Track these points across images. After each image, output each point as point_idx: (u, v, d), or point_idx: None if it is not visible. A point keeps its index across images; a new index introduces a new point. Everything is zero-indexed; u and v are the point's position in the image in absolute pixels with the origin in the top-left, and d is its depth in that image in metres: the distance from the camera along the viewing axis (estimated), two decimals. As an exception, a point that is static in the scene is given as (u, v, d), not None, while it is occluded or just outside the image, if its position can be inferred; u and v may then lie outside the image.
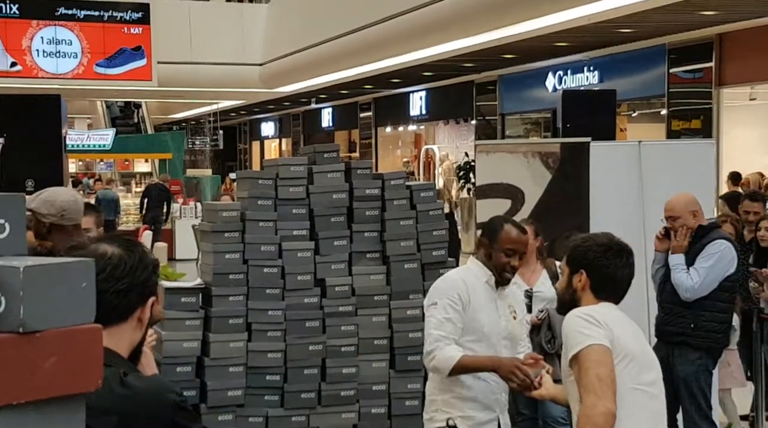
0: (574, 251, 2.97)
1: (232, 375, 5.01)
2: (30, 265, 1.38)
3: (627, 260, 2.93)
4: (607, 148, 6.17)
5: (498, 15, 11.37)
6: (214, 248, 5.04)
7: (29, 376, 1.37)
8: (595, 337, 2.72)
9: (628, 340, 2.81)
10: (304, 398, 5.11)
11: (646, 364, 2.84)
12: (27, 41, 17.07)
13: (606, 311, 2.85)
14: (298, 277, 5.11)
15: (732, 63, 12.86)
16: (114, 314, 1.83)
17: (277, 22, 18.55)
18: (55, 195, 3.75)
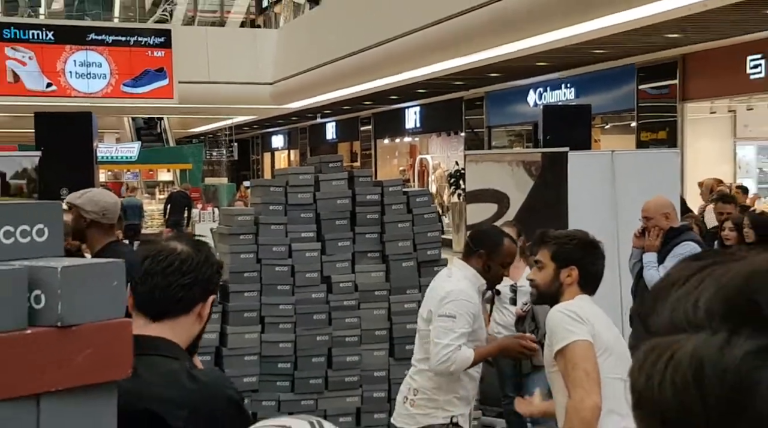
0: (562, 248, 2.88)
1: (248, 363, 5.00)
2: (67, 266, 1.37)
3: (603, 256, 2.93)
4: (583, 157, 6.17)
5: (484, 38, 11.37)
6: (231, 249, 5.04)
7: (66, 366, 1.36)
8: (579, 333, 2.67)
9: (606, 333, 2.76)
10: (313, 383, 5.11)
11: (622, 354, 2.75)
12: (61, 64, 17.05)
13: (586, 305, 2.81)
14: (306, 275, 5.11)
15: (694, 80, 12.86)
16: (177, 307, 1.77)
17: (286, 46, 18.54)
18: (99, 196, 3.79)
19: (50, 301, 1.36)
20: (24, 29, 16.89)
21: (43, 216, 1.48)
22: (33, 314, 1.36)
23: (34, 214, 1.47)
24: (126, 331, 1.47)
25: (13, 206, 1.47)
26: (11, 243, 1.43)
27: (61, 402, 1.37)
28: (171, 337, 1.73)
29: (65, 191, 5.58)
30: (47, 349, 1.35)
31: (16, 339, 1.32)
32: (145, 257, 1.79)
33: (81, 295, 1.39)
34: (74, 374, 1.38)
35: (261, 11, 22.55)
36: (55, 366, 1.36)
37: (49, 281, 1.36)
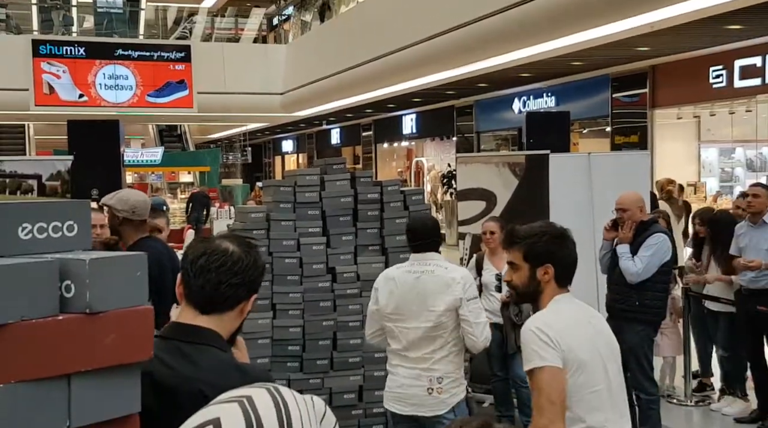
0: (533, 248, 2.50)
1: (261, 346, 4.99)
2: (94, 258, 1.37)
3: (573, 246, 2.56)
4: (562, 158, 6.15)
5: (473, 52, 11.35)
6: (245, 243, 5.03)
7: (94, 349, 1.36)
8: (547, 358, 2.32)
9: (580, 345, 2.39)
10: (320, 364, 5.10)
11: (596, 362, 2.41)
12: (92, 77, 17.02)
13: (562, 312, 2.46)
14: (313, 266, 5.10)
15: (663, 89, 12.85)
16: (225, 303, 1.75)
17: (295, 60, 18.51)
18: (128, 195, 3.81)
19: (79, 290, 1.36)
20: (58, 46, 16.86)
21: (72, 213, 1.48)
22: (64, 302, 1.36)
23: (65, 211, 1.47)
24: (147, 317, 1.46)
25: (45, 205, 1.46)
26: (44, 238, 1.43)
27: (90, 381, 1.37)
28: (217, 329, 1.72)
29: (95, 191, 5.57)
30: (77, 334, 1.35)
31: (50, 325, 1.32)
32: (202, 254, 1.74)
33: (107, 284, 1.39)
34: (101, 356, 1.38)
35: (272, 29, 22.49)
36: (84, 348, 1.36)
37: (79, 272, 1.36)
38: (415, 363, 3.56)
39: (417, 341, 3.55)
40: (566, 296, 2.51)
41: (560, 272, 2.50)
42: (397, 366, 3.63)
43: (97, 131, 5.83)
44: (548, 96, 15.30)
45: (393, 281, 3.61)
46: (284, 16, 22.98)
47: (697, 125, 13.70)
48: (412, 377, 3.57)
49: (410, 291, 3.56)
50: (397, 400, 3.65)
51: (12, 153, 18.77)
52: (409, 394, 3.58)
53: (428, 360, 3.55)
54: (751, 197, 5.64)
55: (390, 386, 3.70)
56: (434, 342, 3.56)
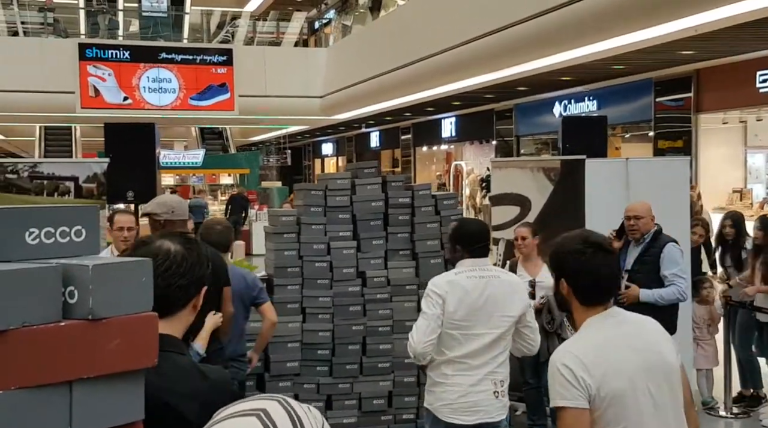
0: (552, 258, 2.34)
1: (290, 349, 5.00)
2: (98, 264, 1.36)
3: (605, 259, 2.23)
4: (599, 164, 6.02)
5: (514, 55, 11.26)
6: (276, 247, 5.04)
7: (97, 355, 1.35)
8: (569, 398, 2.12)
9: (611, 375, 2.14)
10: (349, 369, 5.08)
11: (632, 393, 2.16)
12: (136, 80, 17.30)
13: (589, 346, 2.19)
14: (343, 270, 5.09)
15: (707, 93, 12.58)
16: (176, 305, 1.77)
17: (334, 63, 18.58)
18: (164, 198, 3.88)
19: (83, 296, 1.35)
20: (104, 49, 17.17)
21: (80, 218, 1.47)
22: (67, 308, 1.35)
23: (73, 216, 1.46)
24: (152, 324, 1.45)
25: (52, 209, 1.46)
26: (52, 243, 1.42)
27: (92, 388, 1.36)
28: (171, 332, 1.72)
29: (131, 193, 5.64)
30: (79, 340, 1.34)
31: (52, 331, 1.32)
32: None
33: (111, 290, 1.37)
34: (104, 363, 1.36)
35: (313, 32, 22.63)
36: (87, 355, 1.35)
37: (82, 277, 1.35)
38: (478, 369, 3.40)
39: (484, 348, 3.39)
40: (597, 318, 2.22)
41: (576, 288, 2.23)
42: (454, 375, 3.39)
43: (133, 134, 5.90)
44: (590, 100, 15.10)
45: (460, 286, 3.39)
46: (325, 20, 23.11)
47: (744, 130, 13.39)
48: (476, 383, 3.40)
49: (480, 297, 3.39)
50: (463, 411, 3.39)
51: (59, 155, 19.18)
52: (476, 401, 3.39)
53: (491, 363, 3.41)
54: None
55: (450, 398, 3.40)
56: (499, 346, 3.43)
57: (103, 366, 1.37)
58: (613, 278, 2.30)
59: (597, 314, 2.23)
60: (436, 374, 3.45)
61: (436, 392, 3.44)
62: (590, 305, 2.23)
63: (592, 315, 2.23)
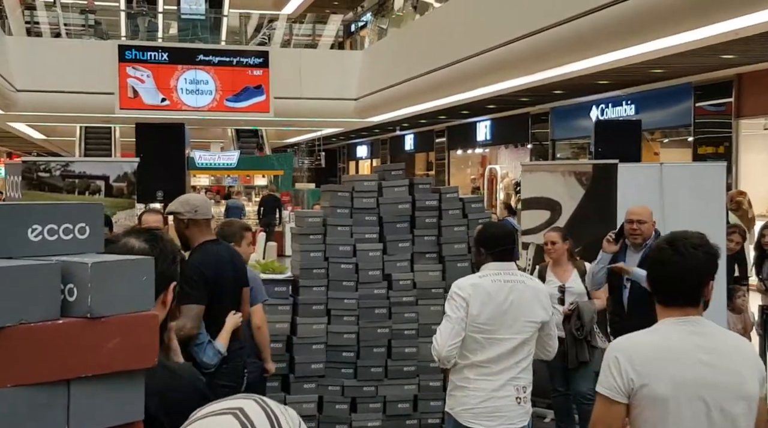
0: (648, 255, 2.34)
1: (315, 351, 4.98)
2: (97, 261, 1.35)
3: (670, 258, 2.15)
4: (632, 168, 5.91)
5: (549, 58, 11.15)
6: (302, 248, 5.03)
7: (96, 354, 1.34)
8: (607, 388, 2.14)
9: (663, 379, 2.10)
10: (374, 372, 5.06)
11: (682, 405, 2.10)
12: (174, 81, 17.51)
13: (651, 343, 2.16)
14: (369, 272, 5.06)
15: (748, 98, 12.31)
16: None
17: (369, 66, 18.60)
18: (187, 197, 3.90)
19: (81, 294, 1.33)
20: (143, 51, 17.43)
21: (84, 215, 1.46)
22: (66, 306, 1.34)
23: (76, 213, 1.45)
24: (152, 323, 1.43)
25: (55, 206, 1.45)
26: (54, 240, 1.41)
27: (90, 388, 1.35)
28: None
29: (160, 193, 5.68)
30: (78, 338, 1.32)
31: (49, 329, 1.30)
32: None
33: (110, 288, 1.36)
34: (103, 362, 1.35)
35: (348, 35, 22.69)
36: (85, 354, 1.33)
37: (81, 275, 1.34)
38: (500, 374, 3.36)
39: (507, 352, 3.35)
40: (671, 320, 2.16)
41: (652, 284, 2.23)
42: (476, 380, 3.35)
43: (163, 134, 5.95)
44: (627, 104, 14.88)
45: (484, 289, 3.34)
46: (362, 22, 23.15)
47: (786, 137, 13.09)
48: (498, 388, 3.35)
49: (505, 301, 3.34)
50: (485, 417, 3.34)
51: (99, 154, 19.49)
52: (497, 406, 3.34)
53: (514, 369, 3.37)
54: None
55: (471, 403, 3.35)
56: (522, 352, 3.39)
57: (101, 365, 1.35)
58: (689, 282, 2.16)
59: (674, 316, 2.17)
60: (458, 378, 3.41)
61: (457, 396, 3.40)
62: (665, 305, 2.19)
63: (668, 317, 2.18)
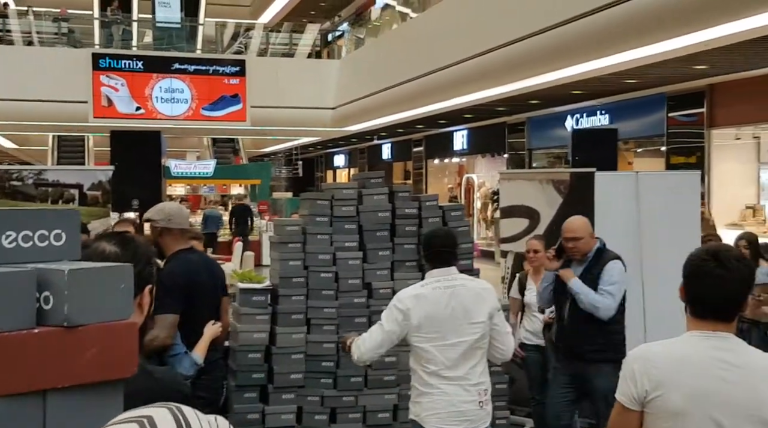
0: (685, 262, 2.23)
1: (294, 361, 4.93)
2: (74, 269, 1.30)
3: (714, 270, 2.11)
4: (609, 177, 5.94)
5: (525, 68, 11.21)
6: (281, 256, 4.98)
7: (72, 364, 1.29)
8: (622, 391, 2.14)
9: (681, 392, 2.08)
10: (354, 381, 5.01)
11: (698, 421, 2.08)
12: (149, 90, 17.39)
13: (672, 353, 2.13)
14: (349, 281, 5.02)
15: (721, 109, 12.48)
16: None
17: (347, 75, 18.60)
18: (163, 205, 3.85)
19: (57, 302, 1.29)
20: (117, 59, 17.29)
21: (60, 222, 1.41)
22: (41, 314, 1.29)
23: (52, 220, 1.41)
24: (132, 332, 1.39)
25: (30, 212, 1.41)
26: (29, 247, 1.37)
27: (67, 399, 1.30)
28: None
29: (136, 201, 5.61)
30: (54, 348, 1.28)
31: (25, 338, 1.26)
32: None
33: (87, 297, 1.31)
34: (80, 372, 1.30)
35: (326, 44, 22.69)
36: (61, 364, 1.29)
37: (57, 283, 1.29)
38: (460, 379, 3.45)
39: (460, 357, 3.44)
40: (698, 333, 2.13)
41: (687, 295, 2.17)
42: (440, 386, 3.44)
43: (139, 142, 5.87)
44: (602, 114, 15.01)
45: (426, 299, 3.46)
46: (339, 32, 23.17)
47: (757, 146, 13.26)
48: (461, 393, 3.45)
49: (446, 307, 3.43)
50: (451, 421, 3.44)
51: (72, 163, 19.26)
52: (462, 411, 3.44)
53: (473, 373, 3.46)
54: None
55: (437, 408, 3.44)
56: (476, 355, 3.48)
57: (79, 376, 1.31)
58: (720, 293, 2.12)
59: (702, 329, 2.13)
60: (421, 384, 3.49)
61: (422, 402, 3.48)
62: (697, 318, 2.15)
63: (696, 329, 2.15)
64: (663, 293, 5.55)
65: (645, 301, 5.55)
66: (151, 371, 1.68)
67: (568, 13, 9.29)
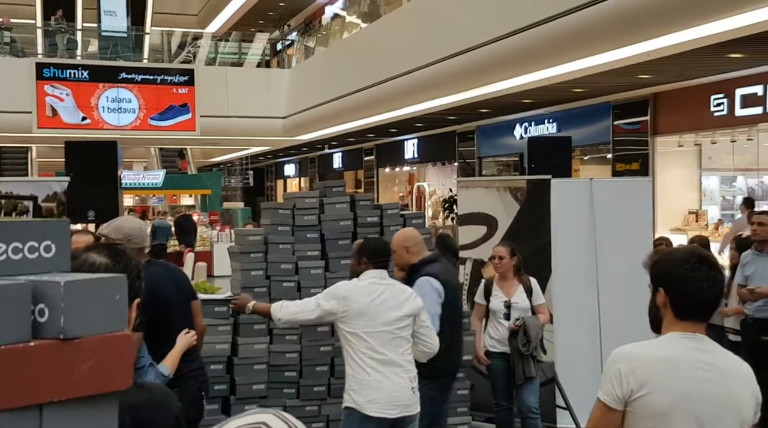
0: (653, 268, 2.24)
1: (257, 371, 4.89)
2: (70, 280, 1.29)
3: (708, 274, 2.15)
4: (564, 184, 6.05)
5: (474, 77, 11.36)
6: (242, 266, 4.94)
7: (69, 377, 1.27)
8: (605, 392, 2.14)
9: (664, 392, 2.10)
10: (317, 391, 4.99)
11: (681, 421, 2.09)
12: (95, 100, 17.07)
13: (656, 353, 2.16)
14: (311, 290, 4.99)
15: (664, 116, 12.83)
16: None
17: (297, 84, 18.56)
18: (123, 223, 3.68)
19: (53, 314, 1.27)
20: (62, 68, 16.92)
21: (50, 233, 1.39)
22: (37, 327, 1.27)
23: (42, 231, 1.38)
24: (127, 343, 1.37)
25: (20, 224, 1.38)
26: (19, 259, 1.34)
27: (63, 412, 1.28)
28: None
29: (92, 213, 5.49)
30: (50, 361, 1.26)
31: (20, 351, 1.23)
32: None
33: (83, 309, 1.30)
34: (76, 385, 1.28)
35: (275, 53, 22.60)
36: (58, 377, 1.26)
37: (53, 295, 1.27)
38: (394, 366, 3.74)
39: (392, 346, 3.75)
40: (678, 335, 2.16)
41: (673, 298, 2.17)
42: (376, 374, 3.72)
43: (94, 153, 5.75)
44: (550, 122, 15.29)
45: (363, 291, 3.81)
46: (288, 41, 23.10)
47: (699, 153, 13.66)
48: (395, 381, 3.73)
49: (377, 300, 3.79)
50: (389, 407, 3.71)
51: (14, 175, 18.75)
52: (396, 397, 3.73)
53: (404, 362, 3.78)
54: (757, 225, 5.54)
55: (374, 395, 3.70)
56: (404, 345, 3.80)
57: (75, 389, 1.29)
58: (713, 295, 2.17)
59: (683, 331, 2.16)
60: (358, 373, 3.75)
61: (358, 390, 3.74)
62: (682, 319, 2.16)
63: (677, 330, 2.17)
64: (617, 297, 5.70)
65: (600, 305, 5.66)
66: (142, 384, 1.65)
67: (518, 23, 9.45)
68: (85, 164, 5.64)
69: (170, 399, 1.71)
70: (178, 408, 1.71)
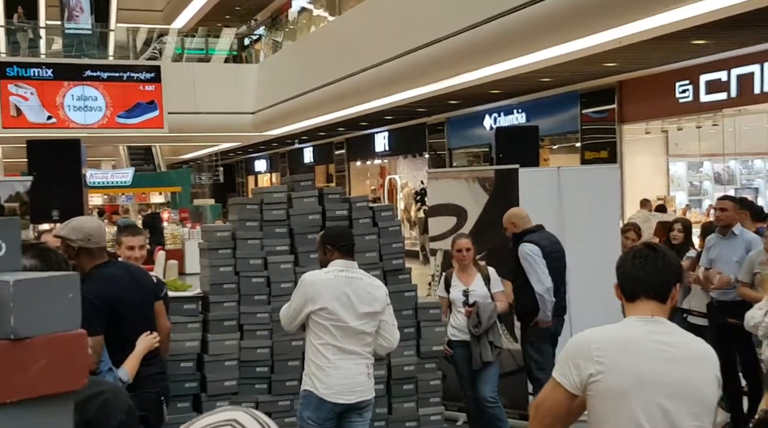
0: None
1: (228, 368, 4.86)
2: (20, 279, 1.26)
3: (645, 260, 2.22)
4: (532, 172, 6.08)
5: (444, 69, 11.37)
6: (211, 263, 4.91)
7: (20, 378, 1.25)
8: (562, 373, 2.17)
9: (621, 371, 2.12)
10: (289, 386, 4.98)
11: (640, 397, 2.11)
12: (60, 98, 16.82)
13: (612, 336, 2.20)
14: (281, 285, 4.98)
15: (630, 104, 12.95)
16: None
17: (266, 79, 18.44)
18: (81, 223, 3.55)
19: (3, 314, 1.24)
20: (25, 67, 16.65)
21: (1, 232, 1.36)
22: (-14, 328, 1.24)
23: (-9, 229, 1.36)
24: (81, 342, 1.35)
25: (-32, 222, 1.35)
26: (-32, 258, 1.32)
27: (16, 413, 1.26)
28: None
29: (56, 212, 5.40)
30: (1, 362, 1.23)
31: (-31, 353, 1.21)
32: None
33: (34, 308, 1.27)
34: (29, 385, 1.26)
35: (243, 48, 22.42)
36: (9, 377, 1.24)
37: (2, 294, 1.25)
38: (353, 354, 3.83)
39: (352, 336, 3.82)
40: (636, 319, 2.20)
41: (620, 284, 2.25)
42: (335, 360, 3.81)
43: (57, 152, 5.66)
44: (518, 112, 15.36)
45: (329, 282, 3.83)
46: (255, 36, 22.93)
47: (665, 140, 13.82)
48: (353, 367, 3.83)
49: (343, 293, 3.81)
50: (347, 392, 3.83)
51: (-21, 176, 18.42)
52: (354, 383, 3.83)
53: (363, 350, 3.87)
54: (719, 210, 5.62)
55: (333, 381, 3.80)
56: (367, 336, 3.87)
57: (27, 389, 1.26)
58: (644, 270, 2.20)
59: (639, 314, 2.20)
60: (318, 359, 3.83)
61: (318, 375, 3.83)
62: (631, 300, 2.23)
63: (634, 314, 2.22)
64: (585, 284, 5.75)
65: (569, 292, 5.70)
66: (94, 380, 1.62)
67: (485, 13, 9.47)
68: (48, 163, 5.55)
69: (120, 396, 1.68)
70: (129, 405, 1.68)
